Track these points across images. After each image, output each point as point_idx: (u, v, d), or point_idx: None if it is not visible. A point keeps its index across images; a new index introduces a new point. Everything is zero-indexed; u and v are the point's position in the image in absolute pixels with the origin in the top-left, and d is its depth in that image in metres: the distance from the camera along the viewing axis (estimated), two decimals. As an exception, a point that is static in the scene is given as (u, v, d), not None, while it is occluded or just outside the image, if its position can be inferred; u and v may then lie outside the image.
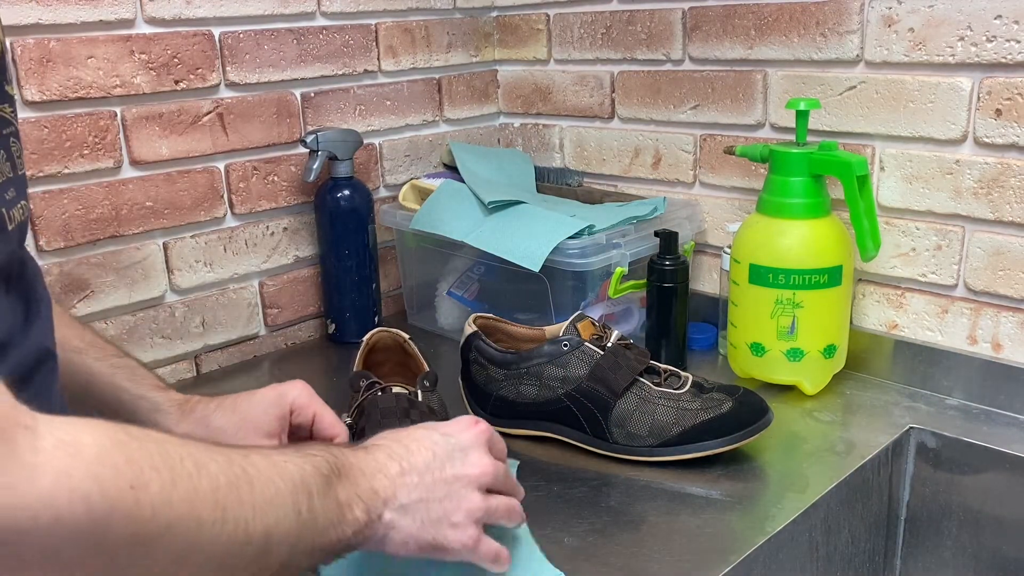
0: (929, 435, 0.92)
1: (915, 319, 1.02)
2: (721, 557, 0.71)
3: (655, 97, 1.21)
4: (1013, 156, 0.92)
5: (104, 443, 0.41)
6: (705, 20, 1.13)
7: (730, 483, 0.82)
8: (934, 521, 0.93)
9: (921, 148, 0.98)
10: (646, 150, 1.24)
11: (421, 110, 1.32)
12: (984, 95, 0.92)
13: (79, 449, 0.40)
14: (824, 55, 1.03)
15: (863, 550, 0.91)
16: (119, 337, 1.05)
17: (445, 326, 1.22)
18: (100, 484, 0.40)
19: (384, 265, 1.30)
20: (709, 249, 1.20)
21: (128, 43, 1.01)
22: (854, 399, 0.99)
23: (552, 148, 1.36)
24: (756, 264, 0.97)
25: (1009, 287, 0.94)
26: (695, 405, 0.84)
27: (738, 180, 1.15)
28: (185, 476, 0.44)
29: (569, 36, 1.29)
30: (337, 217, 1.17)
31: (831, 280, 0.95)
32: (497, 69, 1.41)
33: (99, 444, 0.41)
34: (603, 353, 0.86)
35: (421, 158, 1.33)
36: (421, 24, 1.29)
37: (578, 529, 0.75)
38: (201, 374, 1.14)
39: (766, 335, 0.98)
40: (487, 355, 0.91)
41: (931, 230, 0.99)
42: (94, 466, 0.40)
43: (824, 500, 0.81)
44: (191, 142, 1.07)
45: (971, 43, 0.92)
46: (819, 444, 0.89)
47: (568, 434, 0.88)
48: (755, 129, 1.12)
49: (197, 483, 0.45)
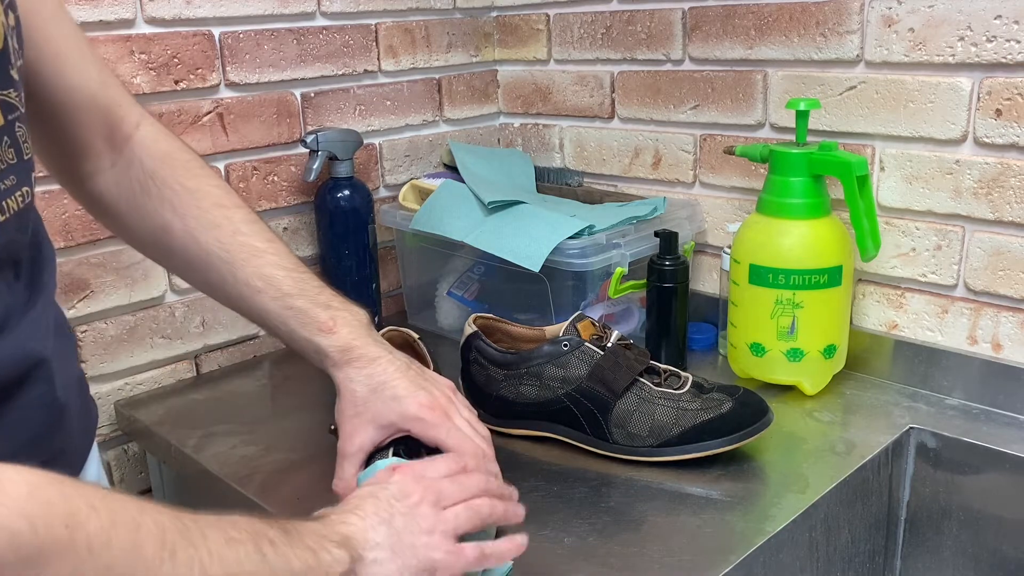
0: (929, 435, 0.92)
1: (915, 319, 1.02)
2: (721, 557, 0.71)
3: (655, 97, 1.21)
4: (1013, 156, 0.92)
5: (37, 482, 0.40)
6: (705, 20, 1.13)
7: (730, 483, 0.82)
8: (934, 521, 0.93)
9: (921, 148, 0.98)
10: (646, 150, 1.24)
11: (421, 110, 1.32)
12: (984, 95, 0.92)
13: (8, 487, 0.39)
14: (824, 55, 1.03)
15: (863, 550, 0.91)
16: (119, 337, 1.05)
17: (445, 326, 1.22)
18: (31, 522, 0.39)
19: (384, 265, 1.30)
20: (709, 249, 1.20)
21: (128, 43, 1.01)
22: (854, 399, 0.99)
23: (552, 148, 1.36)
24: (756, 264, 0.97)
25: (1009, 287, 0.94)
26: (695, 405, 0.84)
27: (738, 180, 1.15)
28: (127, 517, 0.43)
29: (569, 36, 1.29)
30: (337, 217, 1.17)
31: (831, 280, 0.95)
32: (497, 69, 1.41)
33: (30, 483, 0.40)
34: (603, 353, 0.86)
35: (421, 158, 1.33)
36: (421, 24, 1.29)
37: (578, 529, 0.75)
38: (201, 374, 1.14)
39: (766, 335, 0.98)
40: (487, 355, 0.91)
41: (931, 230, 0.99)
42: (24, 503, 0.39)
43: (824, 500, 0.81)
44: (191, 142, 1.07)
45: (971, 43, 0.92)
46: (819, 444, 0.89)
47: (568, 434, 0.88)
48: (755, 129, 1.12)
49: (140, 521, 0.43)
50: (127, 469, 1.09)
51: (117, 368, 1.06)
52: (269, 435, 0.95)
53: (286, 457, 0.91)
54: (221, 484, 0.88)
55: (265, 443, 0.94)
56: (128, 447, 1.09)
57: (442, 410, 0.73)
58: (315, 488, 0.83)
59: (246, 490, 0.85)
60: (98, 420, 0.73)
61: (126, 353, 1.06)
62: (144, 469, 1.10)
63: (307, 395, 1.06)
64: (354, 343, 0.74)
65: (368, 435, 0.73)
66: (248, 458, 0.91)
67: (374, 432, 0.73)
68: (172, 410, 1.03)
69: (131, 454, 1.09)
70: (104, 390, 1.05)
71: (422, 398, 0.73)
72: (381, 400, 0.72)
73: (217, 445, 0.94)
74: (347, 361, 0.73)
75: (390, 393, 0.73)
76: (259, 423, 0.99)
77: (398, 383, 0.73)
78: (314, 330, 0.74)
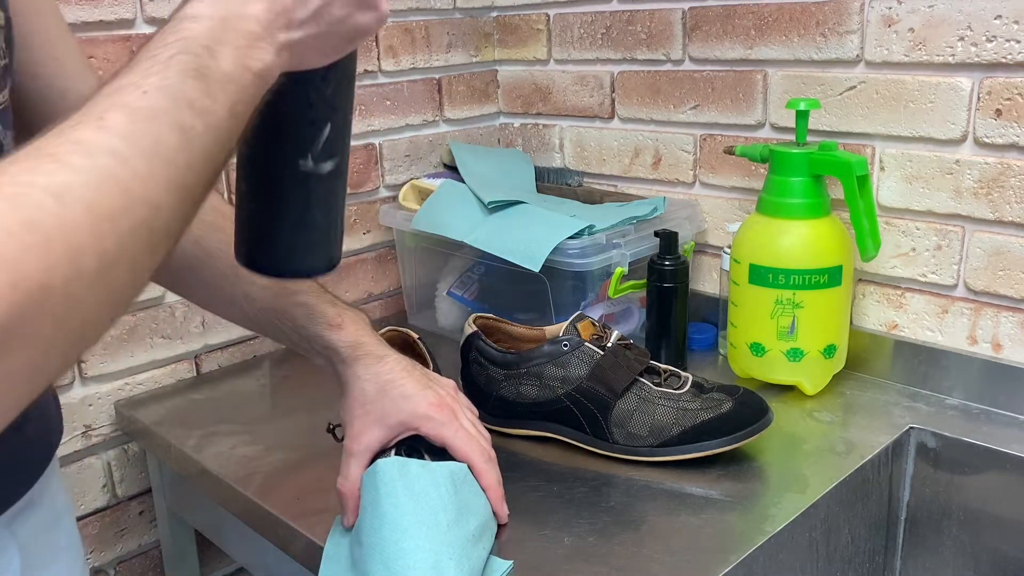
0: (929, 435, 0.92)
1: (915, 319, 1.02)
2: (721, 557, 0.71)
3: (655, 97, 1.21)
4: (1013, 156, 0.92)
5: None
6: (705, 20, 1.13)
7: (730, 483, 0.82)
8: (934, 521, 0.93)
9: (921, 148, 0.98)
10: (646, 150, 1.24)
11: (421, 110, 1.32)
12: (984, 95, 0.92)
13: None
14: (824, 55, 1.03)
15: (863, 550, 0.91)
16: (119, 337, 1.05)
17: (445, 326, 1.22)
18: None
19: (384, 265, 1.30)
20: (709, 249, 1.20)
21: (128, 43, 1.01)
22: (854, 399, 0.99)
23: (552, 148, 1.36)
24: (756, 264, 0.97)
25: (1009, 287, 0.94)
26: (695, 405, 0.85)
27: (738, 180, 1.15)
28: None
29: (569, 36, 1.29)
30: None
31: (831, 280, 0.95)
32: (497, 69, 1.41)
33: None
34: (603, 353, 0.86)
35: (421, 158, 1.33)
36: (421, 24, 1.29)
37: (578, 529, 0.75)
38: (201, 374, 1.14)
39: (766, 335, 0.98)
40: (487, 355, 0.91)
41: (931, 230, 0.99)
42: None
43: (824, 500, 0.81)
44: (191, 142, 1.07)
45: (971, 43, 0.92)
46: (819, 444, 0.89)
47: (568, 434, 0.88)
48: (755, 129, 1.12)
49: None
50: (127, 469, 1.09)
51: (117, 368, 1.06)
52: (269, 435, 0.96)
53: (286, 457, 0.91)
54: (221, 484, 0.88)
55: (265, 443, 0.94)
56: (128, 447, 1.09)
57: (450, 409, 0.74)
58: (315, 488, 0.83)
59: (246, 490, 0.85)
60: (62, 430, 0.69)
61: (126, 353, 1.06)
62: (144, 469, 1.10)
63: (307, 395, 1.06)
64: (362, 340, 0.74)
65: (376, 434, 0.73)
66: (248, 458, 0.91)
67: (381, 432, 0.73)
68: (172, 410, 1.03)
69: (131, 454, 1.09)
70: (104, 390, 1.05)
71: (431, 397, 0.73)
72: (390, 399, 0.72)
73: (217, 445, 0.94)
74: (356, 358, 0.73)
75: (399, 392, 0.73)
76: (259, 423, 0.99)
77: (406, 382, 0.73)
78: (323, 326, 0.74)
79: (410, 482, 0.69)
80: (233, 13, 0.47)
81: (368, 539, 0.67)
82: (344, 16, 0.51)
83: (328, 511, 0.77)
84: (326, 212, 0.58)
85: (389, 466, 0.70)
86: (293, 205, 0.57)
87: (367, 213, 1.28)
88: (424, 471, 0.70)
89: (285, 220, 0.57)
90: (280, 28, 0.48)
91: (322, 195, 0.57)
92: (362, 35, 0.53)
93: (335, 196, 0.59)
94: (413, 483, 0.69)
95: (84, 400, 1.04)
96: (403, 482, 0.68)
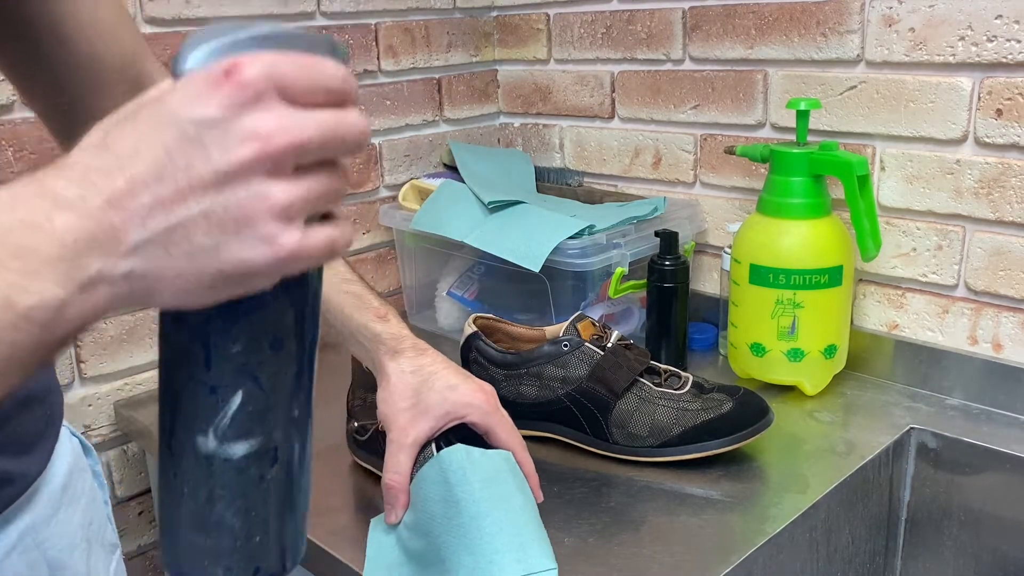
0: (929, 435, 0.92)
1: (915, 319, 1.02)
2: (721, 557, 0.71)
3: (655, 97, 1.21)
4: (1014, 156, 0.92)
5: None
6: (705, 20, 1.13)
7: (730, 483, 0.82)
8: (934, 521, 0.93)
9: (922, 148, 0.98)
10: (646, 150, 1.24)
11: (421, 110, 1.32)
12: (985, 95, 0.92)
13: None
14: (824, 55, 1.03)
15: (863, 550, 0.91)
16: (119, 337, 1.05)
17: (445, 326, 1.22)
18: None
19: (384, 265, 1.30)
20: (709, 249, 1.20)
21: (128, 43, 1.00)
22: (854, 399, 0.99)
23: (552, 148, 1.36)
24: (756, 264, 0.96)
25: (1009, 287, 0.94)
26: (695, 405, 0.84)
27: (738, 180, 1.15)
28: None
29: (569, 36, 1.29)
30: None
31: (831, 280, 0.95)
32: (497, 69, 1.41)
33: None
34: (603, 353, 0.86)
35: (421, 158, 1.33)
36: (421, 24, 1.29)
37: (578, 529, 0.75)
38: (201, 374, 1.13)
39: (766, 335, 0.98)
40: (487, 355, 0.91)
41: (931, 230, 0.99)
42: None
43: (824, 500, 0.81)
44: (191, 142, 1.07)
45: (972, 43, 0.92)
46: (819, 444, 0.89)
47: (568, 434, 0.88)
48: (755, 129, 1.12)
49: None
50: (127, 469, 1.09)
51: (117, 368, 1.06)
52: (269, 435, 0.95)
53: (286, 457, 0.90)
54: (221, 484, 0.87)
55: (265, 443, 0.93)
56: (128, 447, 1.09)
57: (494, 399, 0.75)
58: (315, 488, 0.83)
59: (246, 490, 0.85)
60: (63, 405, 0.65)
61: (126, 353, 1.06)
62: (144, 469, 1.10)
63: (307, 395, 1.05)
64: (404, 333, 0.74)
65: (424, 426, 0.72)
66: (248, 458, 0.91)
67: (429, 423, 0.72)
68: (172, 410, 1.03)
69: (131, 454, 1.09)
70: (104, 390, 1.05)
71: (474, 386, 0.74)
72: (435, 390, 0.73)
73: (217, 445, 0.94)
74: (400, 350, 0.74)
75: (443, 383, 0.73)
76: (259, 423, 0.99)
77: (448, 374, 0.74)
78: (370, 316, 0.74)
79: (478, 468, 0.68)
80: (23, 221, 0.34)
81: (439, 529, 0.66)
82: (211, 246, 0.36)
83: (328, 511, 0.77)
84: (242, 511, 0.42)
85: (456, 454, 0.69)
86: (190, 492, 0.41)
87: (367, 213, 1.28)
88: (486, 458, 0.69)
89: (180, 508, 0.41)
90: (98, 253, 0.35)
91: (234, 487, 0.41)
92: (252, 275, 0.37)
93: (260, 491, 0.42)
94: (481, 469, 0.68)
95: (83, 400, 1.04)
96: (471, 468, 0.68)
